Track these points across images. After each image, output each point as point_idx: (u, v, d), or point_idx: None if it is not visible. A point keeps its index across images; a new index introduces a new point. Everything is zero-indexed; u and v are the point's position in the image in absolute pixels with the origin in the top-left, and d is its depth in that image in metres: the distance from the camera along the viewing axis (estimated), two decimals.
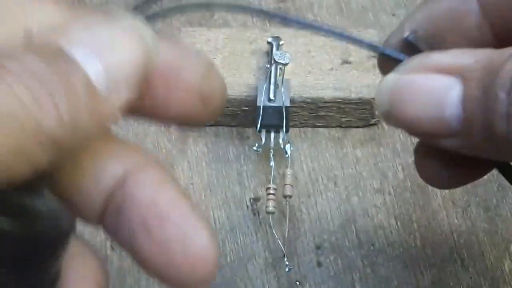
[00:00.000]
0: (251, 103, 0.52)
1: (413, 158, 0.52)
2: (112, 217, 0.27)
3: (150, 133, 0.54)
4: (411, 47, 0.31)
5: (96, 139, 0.25)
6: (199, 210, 0.27)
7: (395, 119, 0.29)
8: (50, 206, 0.25)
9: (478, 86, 0.26)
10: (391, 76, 0.28)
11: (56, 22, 0.26)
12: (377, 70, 0.53)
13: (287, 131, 0.51)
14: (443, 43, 0.31)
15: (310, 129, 0.55)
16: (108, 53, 0.24)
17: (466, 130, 0.27)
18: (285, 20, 0.34)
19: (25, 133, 0.22)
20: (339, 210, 0.51)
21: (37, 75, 0.22)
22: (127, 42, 0.24)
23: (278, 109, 0.51)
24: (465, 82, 0.26)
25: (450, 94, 0.27)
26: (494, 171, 0.54)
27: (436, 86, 0.27)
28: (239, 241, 0.50)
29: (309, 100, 0.53)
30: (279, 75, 0.52)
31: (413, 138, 0.54)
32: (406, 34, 0.31)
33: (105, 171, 0.27)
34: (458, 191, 0.51)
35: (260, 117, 0.51)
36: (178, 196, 0.26)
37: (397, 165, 0.53)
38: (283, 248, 0.49)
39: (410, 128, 0.29)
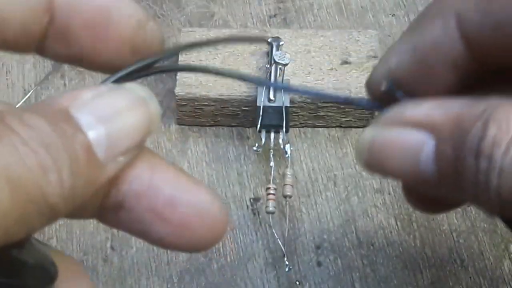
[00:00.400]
0: (251, 103, 0.52)
1: None
2: (112, 212, 0.27)
3: None
4: (389, 96, 0.31)
5: (84, 203, 0.25)
6: (196, 179, 0.27)
7: (374, 171, 0.30)
8: (35, 256, 0.25)
9: (449, 145, 0.26)
10: (369, 130, 0.29)
11: None
12: None
13: (287, 131, 0.51)
14: (425, 77, 0.31)
15: (310, 129, 0.54)
16: (112, 123, 0.24)
17: (440, 184, 0.27)
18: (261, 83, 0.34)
19: (30, 202, 0.22)
20: (338, 210, 0.50)
21: (44, 141, 0.22)
22: (132, 112, 0.25)
23: (278, 109, 0.51)
24: (437, 139, 0.27)
25: (424, 150, 0.27)
26: None
27: (411, 142, 0.28)
28: (239, 241, 0.50)
29: (309, 100, 0.53)
30: (279, 75, 0.52)
31: None
32: (383, 85, 0.32)
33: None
34: None
35: (260, 117, 0.51)
36: (176, 174, 0.26)
37: None
38: (283, 248, 0.49)
39: (389, 177, 0.30)
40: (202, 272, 0.49)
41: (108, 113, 0.24)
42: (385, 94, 0.31)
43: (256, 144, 0.51)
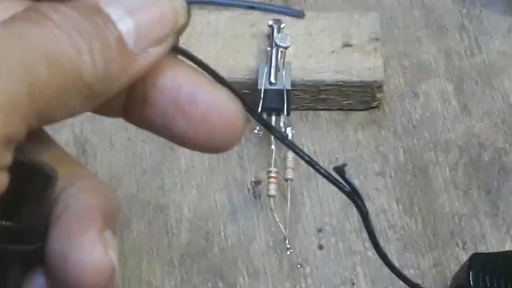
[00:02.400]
0: (252, 86, 0.52)
1: (414, 141, 0.52)
2: (136, 108, 0.28)
3: None
4: None
5: (121, 91, 0.26)
6: (212, 80, 0.28)
7: None
8: (29, 158, 0.26)
9: None
10: None
11: None
12: (378, 53, 0.55)
13: (288, 114, 0.52)
14: None
15: (311, 112, 0.55)
16: (140, 13, 0.26)
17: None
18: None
19: (66, 78, 0.23)
20: (340, 193, 0.49)
21: (77, 27, 0.24)
22: (157, 5, 0.26)
23: (279, 92, 0.51)
24: None
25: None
26: (496, 155, 0.54)
27: None
28: (240, 224, 0.51)
29: (310, 83, 0.53)
30: (280, 58, 0.52)
31: (414, 121, 0.56)
32: None
33: None
34: (460, 174, 0.52)
35: (261, 100, 0.51)
36: (194, 73, 0.28)
37: (398, 148, 0.54)
38: (284, 231, 0.49)
39: None
40: (203, 255, 0.49)
41: (135, 7, 0.26)
42: None
43: (257, 127, 0.51)
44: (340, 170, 0.32)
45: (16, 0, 0.28)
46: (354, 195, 0.33)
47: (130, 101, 0.28)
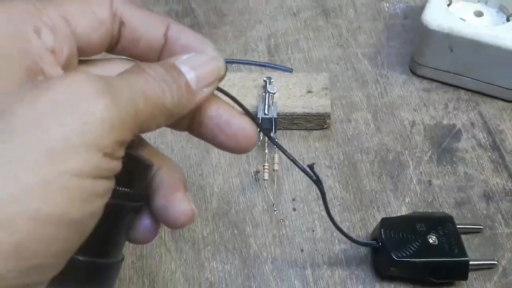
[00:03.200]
0: (254, 116, 0.52)
1: (349, 147, 0.57)
2: (195, 127, 0.29)
3: None
4: None
5: (188, 113, 0.27)
6: (241, 113, 0.29)
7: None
8: (135, 153, 0.28)
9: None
10: None
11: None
12: (328, 97, 0.56)
13: (275, 132, 0.54)
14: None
15: (288, 131, 0.57)
16: (199, 68, 0.27)
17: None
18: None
19: (156, 108, 0.25)
20: (305, 178, 0.51)
21: (162, 77, 0.25)
22: (209, 64, 0.28)
23: (270, 119, 0.54)
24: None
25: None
26: (396, 155, 0.57)
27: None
28: (247, 196, 0.53)
29: (288, 114, 0.55)
30: (270, 99, 0.54)
31: (348, 136, 0.57)
32: None
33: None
34: (375, 166, 0.54)
35: (260, 123, 0.53)
36: (230, 109, 0.29)
37: (340, 152, 0.56)
38: (273, 200, 0.52)
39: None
40: (226, 214, 0.52)
41: (196, 65, 0.27)
42: None
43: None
44: (311, 166, 0.36)
45: (126, 60, 0.30)
46: (318, 182, 0.36)
47: (192, 123, 0.29)
